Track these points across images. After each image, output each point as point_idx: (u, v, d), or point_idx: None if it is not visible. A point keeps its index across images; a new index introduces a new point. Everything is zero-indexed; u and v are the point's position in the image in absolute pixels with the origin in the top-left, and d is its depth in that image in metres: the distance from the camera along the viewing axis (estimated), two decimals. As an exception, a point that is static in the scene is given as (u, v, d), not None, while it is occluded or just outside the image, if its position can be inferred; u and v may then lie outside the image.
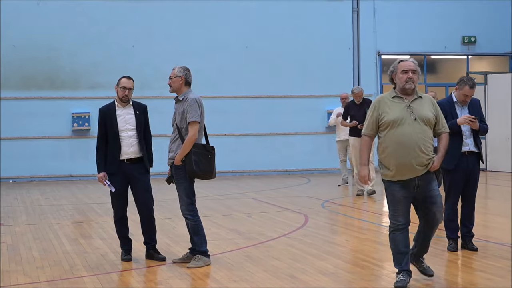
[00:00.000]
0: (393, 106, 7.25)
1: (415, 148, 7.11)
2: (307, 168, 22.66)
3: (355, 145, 15.65)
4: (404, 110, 7.20)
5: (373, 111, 7.35)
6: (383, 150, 7.26)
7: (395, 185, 7.29)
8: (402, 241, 7.39)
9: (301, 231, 11.18)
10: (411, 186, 7.25)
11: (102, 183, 8.85)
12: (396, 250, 7.42)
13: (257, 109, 22.40)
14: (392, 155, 7.18)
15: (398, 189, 7.27)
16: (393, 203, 7.37)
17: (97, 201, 15.41)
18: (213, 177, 8.70)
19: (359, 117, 15.54)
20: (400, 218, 7.35)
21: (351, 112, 16.01)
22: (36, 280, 8.00)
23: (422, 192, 7.28)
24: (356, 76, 23.26)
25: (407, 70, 7.23)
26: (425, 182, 7.26)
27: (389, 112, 7.23)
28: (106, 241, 10.47)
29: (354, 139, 15.81)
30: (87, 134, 21.12)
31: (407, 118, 7.16)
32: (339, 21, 23.09)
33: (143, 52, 21.64)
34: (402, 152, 7.12)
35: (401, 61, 7.34)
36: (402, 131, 7.14)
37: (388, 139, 7.21)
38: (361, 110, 15.56)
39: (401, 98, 7.27)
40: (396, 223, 7.37)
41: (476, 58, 24.58)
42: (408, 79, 7.20)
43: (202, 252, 8.62)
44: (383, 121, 7.23)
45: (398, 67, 7.30)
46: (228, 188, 18.21)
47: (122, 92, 8.88)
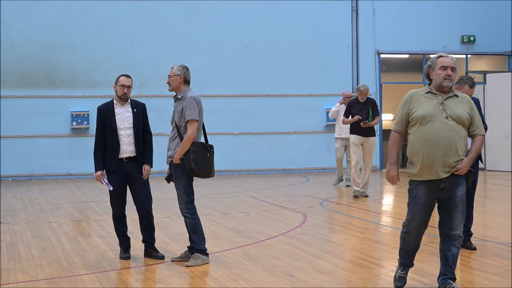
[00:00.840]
0: (425, 102, 6.89)
1: (443, 148, 6.76)
2: (305, 167, 22.67)
3: (355, 143, 15.40)
4: (436, 107, 6.84)
5: (404, 106, 6.99)
6: (411, 147, 6.96)
7: (420, 187, 6.94)
8: (413, 243, 7.19)
9: (300, 230, 11.19)
10: (436, 188, 6.90)
11: (100, 181, 8.85)
12: (404, 247, 7.27)
13: (256, 108, 22.40)
14: (419, 152, 6.86)
15: (421, 193, 6.95)
16: (413, 206, 7.06)
17: (96, 200, 15.42)
18: (212, 176, 8.71)
19: (362, 115, 15.22)
20: (414, 224, 7.09)
21: (354, 110, 15.51)
22: (35, 278, 8.00)
23: (446, 194, 6.93)
24: (355, 75, 23.25)
25: (446, 67, 6.88)
26: (451, 185, 6.89)
27: (419, 107, 6.87)
28: (104, 239, 10.47)
29: (355, 137, 15.45)
30: (86, 133, 21.11)
31: (438, 115, 6.79)
32: (338, 20, 23.09)
33: (142, 51, 21.64)
34: (429, 150, 6.79)
35: (440, 57, 6.98)
36: (431, 128, 6.79)
37: (416, 136, 6.89)
38: (365, 108, 15.31)
39: (435, 95, 6.92)
40: (410, 226, 7.12)
41: (475, 57, 24.58)
42: (447, 76, 6.86)
43: (201, 251, 8.63)
44: (413, 117, 6.89)
45: (437, 62, 6.94)
46: (227, 186, 18.22)
47: (121, 90, 8.88)
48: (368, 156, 15.43)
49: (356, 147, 15.43)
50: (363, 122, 15.05)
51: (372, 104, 15.45)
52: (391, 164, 7.18)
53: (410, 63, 24.48)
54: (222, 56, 22.17)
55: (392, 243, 9.92)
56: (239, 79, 22.30)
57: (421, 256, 9.01)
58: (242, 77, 22.32)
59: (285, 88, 22.63)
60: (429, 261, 8.75)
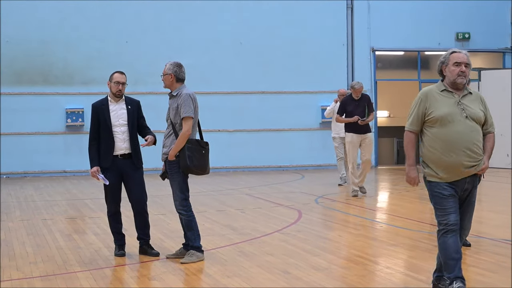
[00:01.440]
0: (442, 101, 6.61)
1: (466, 149, 6.53)
2: (301, 164, 22.67)
3: (353, 141, 15.01)
4: (454, 106, 6.57)
5: (419, 104, 6.67)
6: (429, 149, 6.67)
7: (443, 183, 6.63)
8: (454, 245, 6.62)
9: (295, 226, 11.19)
10: (460, 188, 6.64)
11: (96, 177, 8.84)
12: (446, 256, 6.67)
13: (251, 105, 22.40)
14: (441, 155, 6.57)
15: (446, 187, 6.61)
16: (442, 201, 6.62)
17: (91, 197, 15.40)
18: (207, 173, 8.71)
19: (358, 114, 14.87)
20: (451, 217, 6.59)
21: (349, 108, 15.13)
22: (29, 275, 7.99)
23: (465, 194, 6.69)
24: (350, 72, 23.25)
25: (460, 63, 6.61)
26: (471, 186, 6.70)
27: (438, 107, 6.58)
28: (99, 236, 10.46)
29: (351, 135, 15.06)
30: (81, 130, 21.09)
31: (457, 115, 6.54)
32: (333, 17, 23.09)
33: (137, 48, 21.62)
34: (452, 152, 6.52)
35: (453, 52, 6.71)
36: (452, 129, 6.52)
37: (436, 137, 6.60)
38: (360, 106, 15.02)
39: (450, 93, 6.63)
40: (447, 223, 6.59)
41: (470, 54, 24.13)
42: (461, 72, 6.58)
43: (196, 248, 8.63)
44: (431, 117, 6.60)
45: (450, 58, 6.67)
46: (222, 184, 18.21)
47: (115, 87, 8.87)
48: (368, 153, 15.05)
49: (353, 146, 15.08)
50: (361, 120, 14.79)
51: (367, 100, 15.23)
52: (410, 166, 6.93)
53: (405, 60, 24.49)
54: (217, 53, 22.16)
55: (387, 240, 9.94)
56: (234, 76, 22.29)
57: (416, 252, 9.05)
58: (237, 74, 22.32)
59: (281, 85, 22.62)
60: (425, 257, 8.75)
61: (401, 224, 11.37)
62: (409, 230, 10.78)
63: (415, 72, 23.90)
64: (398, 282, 7.51)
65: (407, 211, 12.96)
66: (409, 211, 13.00)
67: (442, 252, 6.68)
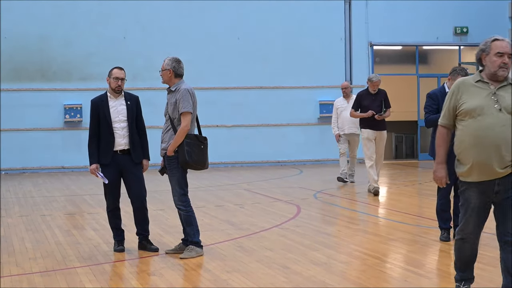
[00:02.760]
0: (475, 92, 6.07)
1: (497, 145, 5.94)
2: (299, 159, 22.67)
3: (369, 137, 14.44)
4: (487, 98, 6.01)
5: (451, 96, 6.17)
6: (459, 144, 6.12)
7: (472, 189, 6.09)
8: (469, 251, 6.31)
9: (294, 221, 11.19)
10: (490, 191, 6.08)
11: (95, 174, 8.84)
12: (460, 257, 6.39)
13: (249, 100, 22.39)
14: (469, 151, 6.02)
15: (474, 196, 6.10)
16: (466, 210, 6.19)
17: (90, 193, 15.40)
18: (206, 168, 8.71)
19: (374, 108, 14.34)
20: (469, 230, 6.20)
21: (365, 102, 14.52)
22: (29, 271, 7.99)
23: (501, 196, 6.10)
24: (348, 67, 23.25)
25: (503, 54, 6.02)
26: (506, 186, 6.06)
27: (469, 99, 6.05)
28: (98, 232, 10.47)
29: (367, 131, 14.48)
30: (79, 126, 21.08)
31: (489, 108, 5.97)
32: (331, 11, 23.06)
33: (135, 44, 21.60)
34: (480, 148, 5.96)
35: (496, 40, 6.07)
36: (483, 123, 5.96)
37: (465, 132, 6.06)
38: (377, 100, 14.45)
39: (486, 84, 6.08)
40: (464, 234, 6.25)
41: (468, 48, 24.59)
42: (503, 64, 6.02)
43: (195, 243, 8.63)
44: (461, 110, 6.08)
45: (492, 47, 6.05)
46: (220, 179, 18.21)
47: (115, 82, 8.87)
48: (381, 149, 14.64)
49: (370, 142, 14.50)
50: (378, 115, 14.24)
51: (383, 95, 14.60)
52: (438, 164, 6.33)
53: (403, 54, 24.47)
54: (215, 48, 22.13)
55: (386, 235, 9.96)
56: (232, 71, 22.27)
57: (415, 247, 9.07)
58: (235, 69, 22.30)
59: (278, 80, 22.61)
60: (424, 252, 8.79)
61: (399, 219, 11.38)
62: (408, 225, 10.80)
63: (413, 66, 23.89)
64: (398, 277, 7.53)
65: (405, 206, 12.97)
66: (407, 206, 13.01)
67: (457, 252, 6.40)
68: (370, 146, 14.52)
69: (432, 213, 11.09)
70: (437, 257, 8.67)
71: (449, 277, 7.60)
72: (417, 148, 23.91)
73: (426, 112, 9.40)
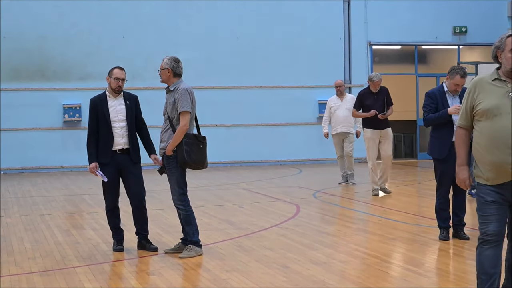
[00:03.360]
0: (491, 91, 5.71)
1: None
2: (298, 158, 22.67)
3: (372, 137, 14.17)
4: (504, 97, 5.64)
5: (468, 96, 5.84)
6: (475, 145, 5.78)
7: (488, 186, 5.73)
8: (491, 259, 5.77)
9: (293, 221, 11.19)
10: (508, 192, 5.70)
11: (94, 173, 8.84)
12: (480, 269, 5.86)
13: (248, 100, 22.38)
14: (485, 153, 5.67)
15: (490, 191, 5.71)
16: (483, 207, 5.75)
17: (89, 192, 15.39)
18: (205, 167, 8.71)
19: (377, 107, 14.06)
20: (490, 226, 5.70)
21: (367, 102, 14.27)
22: (28, 270, 7.99)
23: None
24: (347, 67, 23.25)
25: None
26: None
27: (485, 98, 5.70)
28: (98, 231, 10.46)
29: (370, 131, 14.20)
30: (78, 125, 21.07)
31: (506, 107, 5.60)
32: (330, 11, 23.05)
33: (134, 43, 21.59)
34: (496, 149, 5.61)
35: (510, 36, 5.78)
36: (499, 123, 5.61)
37: (481, 133, 5.72)
38: (379, 100, 14.17)
39: (503, 82, 5.72)
40: (485, 232, 5.75)
41: (467, 48, 24.60)
42: None
43: (194, 242, 8.63)
44: (478, 110, 5.73)
45: (507, 43, 5.76)
46: (220, 178, 18.20)
47: (115, 83, 8.87)
48: (388, 149, 14.35)
49: (373, 143, 14.24)
50: (381, 114, 13.98)
51: (385, 94, 14.35)
52: (459, 166, 5.94)
53: (402, 54, 24.46)
54: (214, 48, 22.13)
55: (386, 234, 9.95)
56: (231, 71, 22.27)
57: (414, 246, 9.07)
58: (234, 69, 22.29)
59: (278, 80, 22.60)
60: (423, 251, 8.80)
61: (398, 218, 11.38)
62: (407, 224, 10.80)
63: (412, 66, 23.88)
64: (397, 276, 7.53)
65: (405, 205, 12.96)
66: (407, 205, 13.01)
67: (477, 264, 5.92)
68: (373, 147, 14.25)
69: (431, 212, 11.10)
70: (436, 256, 8.68)
71: (448, 276, 7.63)
72: (416, 147, 23.90)
73: (424, 111, 9.40)
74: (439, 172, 9.36)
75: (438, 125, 9.32)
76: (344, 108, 16.03)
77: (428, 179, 17.07)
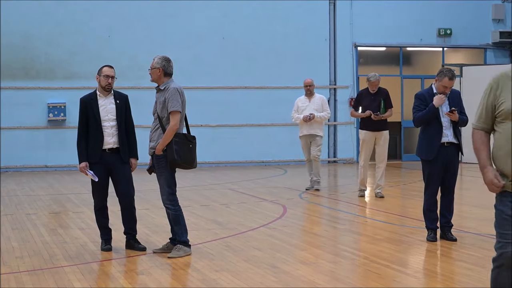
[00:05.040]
0: None
1: None
2: (283, 159, 22.68)
3: (366, 139, 13.87)
4: None
5: (488, 93, 5.20)
6: (497, 151, 5.12)
7: (506, 198, 5.05)
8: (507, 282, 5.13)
9: (280, 221, 11.20)
10: None
11: (84, 173, 8.80)
12: None
13: (234, 100, 22.38)
14: (506, 158, 5.04)
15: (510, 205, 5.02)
16: (502, 223, 5.05)
17: (74, 192, 15.33)
18: (194, 167, 8.71)
19: (373, 108, 13.68)
20: (509, 247, 5.00)
21: (364, 102, 13.90)
22: (16, 269, 7.95)
23: None
24: (333, 68, 23.31)
25: None
26: None
27: (508, 97, 5.05)
28: (84, 231, 10.42)
29: (365, 132, 13.88)
30: (63, 125, 20.95)
31: None
32: (315, 12, 23.10)
33: (119, 42, 21.53)
34: None
35: None
36: None
37: (503, 136, 5.07)
38: (376, 100, 13.77)
39: None
40: (501, 254, 5.07)
41: (452, 50, 24.71)
42: None
43: (183, 242, 8.62)
44: (501, 110, 5.09)
45: None
46: (205, 178, 18.18)
47: (105, 80, 8.85)
48: (382, 152, 13.96)
49: (366, 145, 13.93)
50: (374, 115, 13.60)
51: (384, 95, 13.93)
52: (482, 168, 5.17)
53: (387, 55, 24.53)
54: (199, 48, 22.11)
55: (373, 235, 9.97)
56: (217, 71, 22.27)
57: (402, 247, 9.10)
58: (220, 69, 22.29)
59: (263, 80, 22.62)
60: (410, 252, 8.84)
61: (385, 219, 11.42)
62: (394, 225, 10.83)
63: (397, 67, 23.97)
64: (387, 276, 7.54)
65: (390, 206, 12.99)
66: (392, 206, 13.04)
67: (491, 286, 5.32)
68: (366, 149, 13.97)
69: (417, 213, 11.18)
70: (424, 257, 8.70)
71: (436, 276, 7.65)
72: (401, 149, 23.96)
73: (414, 112, 9.45)
74: (427, 173, 9.39)
75: (427, 126, 9.36)
76: (312, 108, 15.24)
77: (413, 181, 17.14)
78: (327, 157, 23.18)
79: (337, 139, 23.41)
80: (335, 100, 23.32)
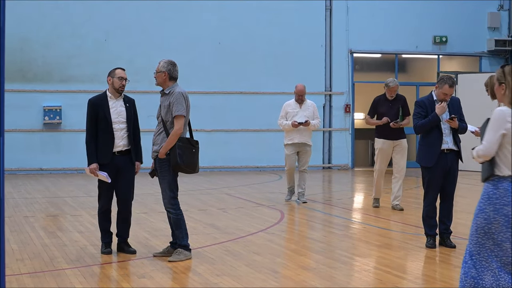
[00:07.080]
0: None
1: None
2: (278, 164, 22.68)
3: (383, 148, 13.13)
4: None
5: None
6: None
7: None
8: None
9: (279, 226, 11.23)
10: None
11: (94, 174, 8.76)
12: None
13: (229, 105, 22.42)
14: None
15: None
16: None
17: (70, 195, 15.31)
18: (197, 172, 8.77)
19: (391, 116, 13.00)
20: None
21: (381, 109, 13.21)
22: (17, 272, 7.95)
23: None
24: (328, 74, 23.36)
25: None
26: None
27: None
28: (84, 234, 10.43)
29: (382, 141, 13.14)
30: (58, 128, 20.92)
31: None
32: (312, 18, 23.15)
33: (116, 46, 21.52)
34: None
35: None
36: None
37: None
38: (394, 107, 13.10)
39: None
40: None
41: (447, 57, 24.79)
42: None
43: (183, 246, 8.64)
44: None
45: None
46: (201, 183, 18.19)
47: (119, 82, 8.91)
48: (401, 162, 13.23)
49: (382, 154, 13.22)
50: (393, 123, 12.92)
51: (402, 101, 13.26)
52: None
53: (382, 62, 24.61)
54: (196, 52, 22.13)
55: (372, 241, 10.01)
56: (213, 76, 22.30)
57: (402, 253, 9.14)
58: (216, 74, 22.32)
59: (259, 86, 22.65)
60: (411, 258, 8.88)
61: (383, 225, 11.47)
62: (392, 231, 10.88)
63: (392, 74, 23.98)
64: (386, 282, 7.58)
65: (388, 212, 13.02)
66: (389, 213, 13.06)
67: None
68: (382, 159, 13.29)
69: (415, 220, 11.24)
70: (423, 263, 8.74)
71: (435, 282, 7.68)
72: (395, 155, 23.97)
73: (414, 119, 9.50)
74: (426, 180, 9.43)
75: (427, 133, 9.41)
76: (303, 115, 14.34)
77: (410, 187, 17.18)
78: (322, 163, 23.21)
79: (332, 145, 23.43)
80: (330, 106, 23.36)
